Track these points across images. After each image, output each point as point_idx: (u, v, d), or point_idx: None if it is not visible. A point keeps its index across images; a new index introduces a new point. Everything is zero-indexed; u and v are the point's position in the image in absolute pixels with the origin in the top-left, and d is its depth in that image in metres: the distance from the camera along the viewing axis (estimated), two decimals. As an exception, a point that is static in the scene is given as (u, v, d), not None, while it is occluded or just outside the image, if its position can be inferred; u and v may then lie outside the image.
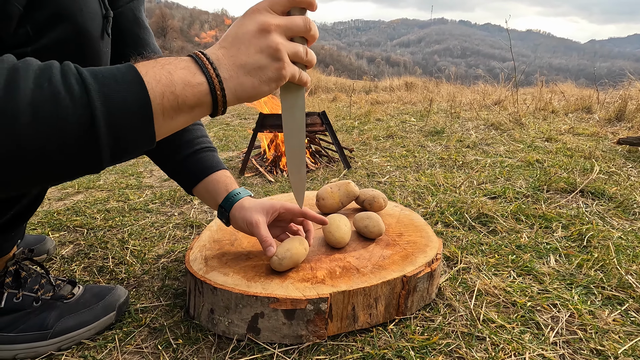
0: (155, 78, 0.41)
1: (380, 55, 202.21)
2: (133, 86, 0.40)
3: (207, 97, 0.44)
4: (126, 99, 0.39)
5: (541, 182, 1.42)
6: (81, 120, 0.37)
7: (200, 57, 0.44)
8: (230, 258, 0.74)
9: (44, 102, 0.35)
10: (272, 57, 0.45)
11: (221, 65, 0.44)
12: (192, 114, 0.45)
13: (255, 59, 0.45)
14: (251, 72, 0.45)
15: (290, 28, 0.47)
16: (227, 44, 0.45)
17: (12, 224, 0.64)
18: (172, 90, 0.41)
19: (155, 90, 0.41)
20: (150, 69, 0.41)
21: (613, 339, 0.64)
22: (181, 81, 0.42)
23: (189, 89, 0.43)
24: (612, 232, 1.02)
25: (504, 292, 0.77)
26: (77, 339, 0.66)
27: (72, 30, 0.50)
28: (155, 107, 0.41)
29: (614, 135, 2.29)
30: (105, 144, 0.39)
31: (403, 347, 0.62)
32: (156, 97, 0.41)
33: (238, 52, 0.45)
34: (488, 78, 5.20)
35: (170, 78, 0.42)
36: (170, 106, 0.42)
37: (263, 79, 0.46)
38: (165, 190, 1.54)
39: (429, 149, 2.13)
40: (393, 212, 0.96)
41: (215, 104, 0.45)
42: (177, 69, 0.42)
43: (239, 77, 0.45)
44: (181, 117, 0.44)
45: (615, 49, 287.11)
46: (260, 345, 0.63)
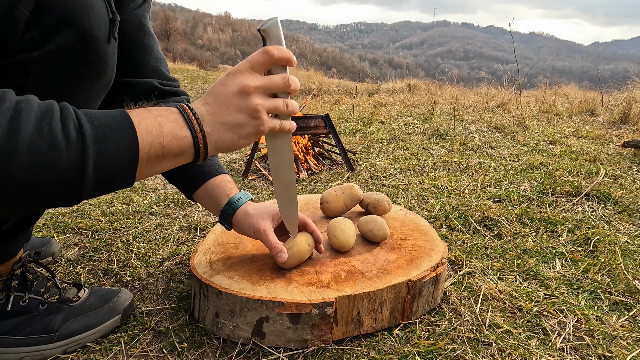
0: (147, 129, 0.45)
1: (383, 58, 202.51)
2: (126, 136, 0.43)
3: (191, 148, 0.48)
4: (118, 147, 0.42)
5: (546, 185, 1.41)
6: (72, 164, 0.40)
7: (187, 113, 0.48)
8: (235, 261, 0.74)
9: (42, 145, 0.38)
10: (250, 116, 0.50)
11: (205, 120, 0.49)
12: (174, 161, 0.49)
13: (235, 117, 0.50)
14: (231, 129, 0.50)
15: (269, 88, 0.51)
16: (211, 101, 0.50)
17: (18, 227, 0.65)
18: (160, 141, 0.45)
19: (145, 140, 0.44)
20: (144, 119, 0.45)
21: (621, 345, 0.63)
22: (170, 133, 0.46)
23: (176, 141, 0.47)
24: (619, 237, 1.02)
25: (510, 296, 0.77)
26: (82, 342, 0.66)
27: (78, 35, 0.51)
28: (142, 156, 0.44)
29: (619, 138, 2.28)
30: (88, 185, 0.42)
31: (408, 352, 0.62)
32: (144, 147, 0.44)
33: (220, 110, 0.49)
34: (491, 80, 5.19)
35: (160, 130, 0.46)
36: (156, 155, 0.46)
37: (242, 135, 0.51)
38: (169, 192, 1.54)
39: (432, 152, 2.13)
40: (397, 215, 0.95)
41: (197, 154, 0.49)
42: (167, 122, 0.47)
43: (220, 132, 0.49)
44: (163, 164, 0.48)
45: (619, 51, 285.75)
46: (265, 350, 0.63)
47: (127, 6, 0.72)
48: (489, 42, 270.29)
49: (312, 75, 8.48)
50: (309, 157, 1.92)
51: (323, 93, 6.84)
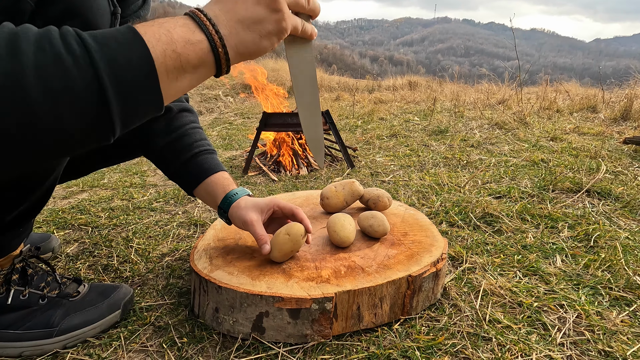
0: (155, 37, 0.40)
1: (384, 55, 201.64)
2: (134, 45, 0.38)
3: (209, 55, 0.43)
4: (129, 58, 0.38)
5: (546, 181, 1.41)
6: (88, 81, 0.36)
7: (197, 15, 0.43)
8: (234, 257, 0.74)
9: (48, 64, 0.34)
10: (270, 8, 0.44)
11: (219, 21, 0.43)
12: (197, 74, 0.44)
13: (253, 11, 0.44)
14: (250, 27, 0.44)
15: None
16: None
17: (21, 220, 0.65)
18: (173, 48, 0.40)
19: (156, 48, 0.39)
20: (149, 28, 0.40)
21: (621, 340, 0.63)
22: (181, 39, 0.41)
23: (190, 47, 0.41)
24: (619, 233, 1.02)
25: (510, 292, 0.77)
26: (82, 337, 0.66)
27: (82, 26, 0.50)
28: (159, 66, 0.40)
29: (620, 135, 2.27)
30: (115, 105, 0.38)
31: (408, 347, 0.62)
32: (158, 56, 0.39)
33: (235, 7, 0.43)
34: (492, 77, 5.17)
35: (169, 36, 0.40)
36: (174, 65, 0.41)
37: (263, 33, 0.45)
38: (169, 188, 1.54)
39: (432, 148, 2.12)
40: (397, 211, 0.95)
41: (218, 62, 0.44)
42: (176, 27, 0.41)
43: (238, 33, 0.44)
44: (186, 77, 0.43)
45: (621, 47, 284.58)
46: (265, 345, 0.63)
47: (128, 7, 0.72)
48: (490, 39, 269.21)
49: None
50: (308, 153, 1.91)
51: (323, 90, 6.83)
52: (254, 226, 0.69)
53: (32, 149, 0.36)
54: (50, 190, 0.67)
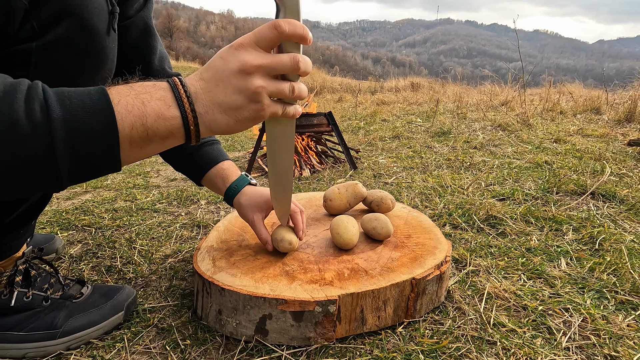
0: (127, 108, 0.40)
1: (386, 56, 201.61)
2: (101, 116, 0.39)
3: (180, 130, 0.43)
4: (93, 127, 0.39)
5: (550, 183, 1.40)
6: (39, 147, 0.37)
7: (178, 89, 0.43)
8: (238, 259, 0.74)
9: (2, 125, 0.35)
10: (249, 99, 0.44)
11: (198, 99, 0.43)
12: (164, 143, 0.44)
13: (233, 99, 0.44)
14: (227, 111, 0.44)
15: (274, 68, 0.45)
16: (208, 77, 0.44)
17: (20, 221, 0.65)
18: (143, 122, 0.41)
19: (125, 120, 0.40)
20: (124, 97, 0.41)
21: (628, 344, 0.63)
22: (154, 113, 0.41)
23: (162, 121, 0.42)
24: (625, 236, 1.01)
25: (515, 295, 0.76)
26: (85, 339, 0.66)
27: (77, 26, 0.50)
28: (123, 138, 0.40)
29: (624, 137, 2.26)
30: (65, 169, 0.39)
31: (412, 351, 0.61)
32: (125, 128, 0.40)
33: (216, 89, 0.44)
34: (495, 78, 5.16)
35: (142, 110, 0.41)
36: (139, 137, 0.41)
37: (239, 118, 0.45)
38: (172, 190, 1.54)
39: (435, 150, 2.12)
40: (401, 213, 0.95)
41: (188, 136, 0.44)
42: (152, 100, 0.42)
43: (214, 114, 0.44)
44: (151, 146, 0.43)
45: (624, 49, 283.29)
46: (268, 347, 0.63)
47: (132, 7, 0.72)
48: (492, 40, 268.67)
49: (315, 73, 8.47)
50: (311, 154, 1.91)
51: (326, 91, 6.83)
52: (256, 226, 0.74)
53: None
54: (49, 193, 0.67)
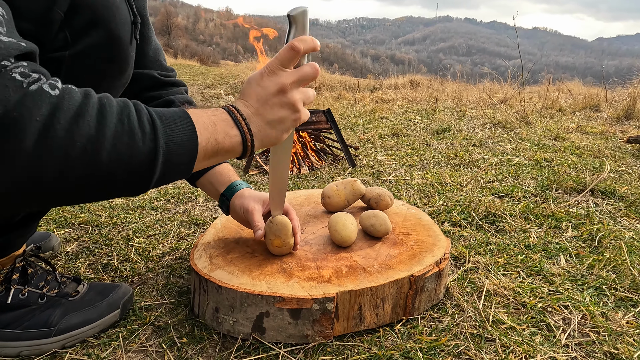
0: (204, 125, 0.48)
1: (385, 54, 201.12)
2: (187, 131, 0.46)
3: (240, 146, 0.51)
4: (182, 140, 0.45)
5: (550, 181, 1.40)
6: (148, 154, 0.43)
7: (234, 114, 0.51)
8: (235, 256, 0.73)
9: (123, 135, 0.41)
10: (291, 110, 0.53)
11: (251, 122, 0.52)
12: (225, 156, 0.52)
13: (278, 115, 0.53)
14: (274, 126, 0.53)
15: (302, 80, 0.53)
16: (253, 102, 0.52)
17: (29, 219, 0.66)
18: (215, 137, 0.49)
19: (202, 135, 0.47)
20: (200, 117, 0.48)
21: (627, 341, 0.62)
22: (222, 131, 0.49)
23: (228, 138, 0.50)
24: (624, 232, 1.00)
25: (514, 292, 0.76)
26: (81, 337, 0.65)
27: (105, 36, 0.55)
28: (201, 150, 0.47)
29: (623, 134, 2.25)
30: (157, 175, 0.45)
31: (411, 348, 0.61)
32: (202, 141, 0.47)
33: (263, 110, 0.52)
34: (494, 76, 5.15)
35: (214, 128, 0.49)
36: (212, 150, 0.49)
37: (284, 129, 0.54)
38: (169, 187, 1.54)
39: (434, 147, 2.11)
40: (399, 210, 0.94)
41: (245, 151, 0.52)
42: (219, 121, 0.50)
43: (265, 131, 0.53)
44: (216, 158, 0.51)
45: (624, 46, 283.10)
46: (265, 345, 0.62)
47: None
48: (492, 38, 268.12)
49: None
50: (310, 152, 1.90)
51: (325, 89, 6.81)
52: (254, 214, 0.73)
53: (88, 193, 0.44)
54: None
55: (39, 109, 0.36)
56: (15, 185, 0.37)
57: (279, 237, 0.70)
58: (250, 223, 0.73)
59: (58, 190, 0.40)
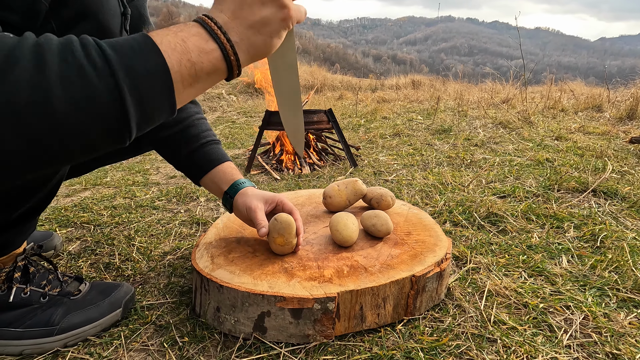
0: (171, 46, 0.40)
1: (387, 54, 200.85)
2: (151, 54, 0.39)
3: (222, 62, 0.43)
4: (146, 67, 0.39)
5: (552, 181, 1.40)
6: (108, 90, 0.37)
7: (208, 23, 0.42)
8: (236, 256, 0.73)
9: (72, 75, 0.35)
10: (276, 6, 0.44)
11: (229, 29, 0.43)
12: (209, 80, 0.44)
13: (261, 14, 0.43)
14: (260, 30, 0.44)
15: None
16: (229, 4, 0.43)
17: (26, 217, 0.65)
18: (188, 57, 0.41)
19: (172, 57, 0.40)
20: (164, 37, 0.41)
21: (630, 342, 0.62)
22: (196, 48, 0.41)
23: (204, 55, 0.42)
24: (626, 233, 1.00)
25: (515, 293, 0.76)
26: (83, 336, 0.66)
27: (94, 27, 0.52)
28: (175, 75, 0.40)
29: (626, 134, 2.25)
30: (133, 112, 0.39)
31: (412, 348, 0.61)
32: (174, 65, 0.40)
33: (243, 13, 0.43)
34: (496, 76, 5.14)
35: (184, 45, 0.41)
36: (189, 74, 0.41)
37: (272, 32, 0.45)
38: (171, 187, 1.54)
39: (436, 148, 2.11)
40: (401, 210, 0.94)
41: (230, 68, 0.44)
42: (190, 36, 0.42)
43: (249, 38, 0.44)
44: (199, 84, 0.43)
45: (626, 46, 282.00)
46: (266, 345, 0.62)
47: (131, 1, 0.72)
48: (493, 38, 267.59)
49: (315, 70, 8.44)
50: (311, 152, 1.90)
51: (326, 89, 6.81)
52: (257, 212, 0.72)
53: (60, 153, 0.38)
54: (56, 188, 0.67)
55: None
56: None
57: (282, 235, 0.69)
58: (253, 221, 0.72)
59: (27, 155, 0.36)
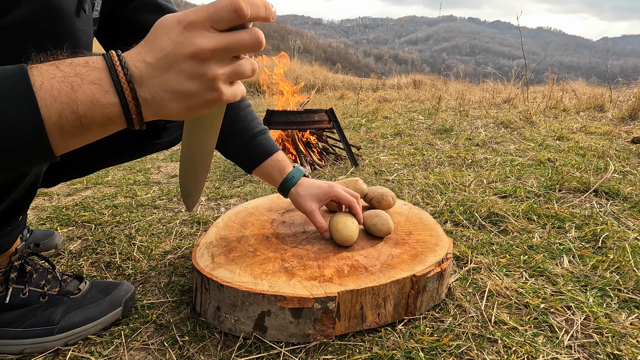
0: (52, 94, 0.35)
1: (388, 53, 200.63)
2: (20, 103, 0.34)
3: (120, 117, 0.38)
4: (10, 115, 0.34)
5: (553, 181, 1.39)
6: None
7: (116, 70, 0.36)
8: (237, 255, 0.73)
9: None
10: (205, 86, 0.38)
11: (143, 84, 0.37)
12: (104, 130, 0.39)
13: (186, 87, 0.38)
14: (178, 99, 0.38)
15: (233, 49, 0.38)
16: (154, 60, 0.37)
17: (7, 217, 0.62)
18: (73, 109, 0.35)
19: (50, 108, 0.35)
20: (47, 79, 0.35)
21: (631, 343, 0.62)
22: (87, 100, 0.36)
23: (98, 108, 0.36)
24: (628, 233, 1.00)
25: (516, 293, 0.75)
26: (83, 335, 0.66)
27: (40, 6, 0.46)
28: (50, 127, 0.35)
29: (628, 134, 2.24)
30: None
31: (412, 348, 0.61)
32: (51, 117, 0.35)
33: (166, 75, 0.37)
34: (498, 76, 5.13)
35: (72, 96, 0.35)
36: (71, 126, 0.36)
37: (191, 106, 0.39)
38: (172, 186, 1.54)
39: (437, 147, 2.10)
40: (402, 210, 0.94)
41: (130, 123, 0.39)
42: (84, 84, 0.36)
43: (163, 101, 0.38)
44: (89, 134, 0.38)
45: (629, 46, 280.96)
46: (266, 344, 0.62)
47: None
48: (495, 37, 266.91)
49: (317, 70, 8.43)
50: (312, 151, 1.90)
51: (327, 88, 6.81)
52: (314, 216, 0.77)
53: None
54: (33, 187, 0.64)
55: None
56: None
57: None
58: (313, 223, 0.78)
59: None
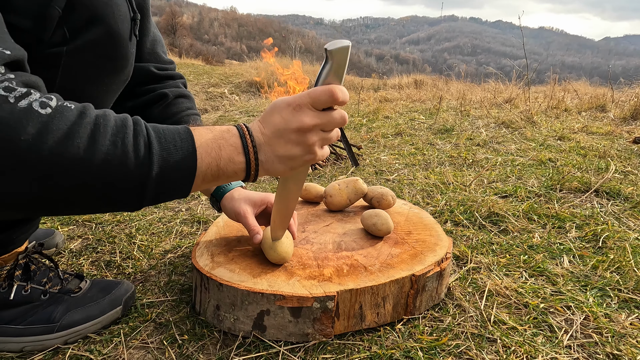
0: (207, 150, 0.47)
1: (389, 53, 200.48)
2: (188, 156, 0.45)
3: (243, 173, 0.50)
4: (179, 164, 0.45)
5: (554, 181, 1.39)
6: (138, 178, 0.42)
7: (246, 139, 0.49)
8: (236, 254, 0.73)
9: (115, 158, 0.41)
10: (305, 151, 0.51)
11: (261, 149, 0.50)
12: (225, 180, 0.50)
13: (291, 152, 0.50)
14: (283, 161, 0.51)
15: (327, 125, 0.51)
16: (269, 132, 0.50)
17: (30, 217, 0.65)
18: (217, 163, 0.47)
19: (203, 161, 0.46)
20: (204, 140, 0.47)
21: (630, 343, 0.62)
22: (227, 157, 0.48)
23: (231, 165, 0.48)
24: (629, 234, 0.99)
25: (516, 293, 0.75)
26: (83, 333, 0.66)
27: (105, 32, 0.55)
28: (199, 175, 0.46)
29: (630, 135, 2.23)
30: (149, 197, 0.44)
31: (411, 348, 0.61)
32: (202, 167, 0.46)
33: (277, 143, 0.50)
34: (499, 76, 5.11)
35: (218, 153, 0.47)
36: (212, 175, 0.48)
37: (293, 166, 0.52)
38: (173, 186, 1.54)
39: (438, 147, 2.10)
40: (402, 210, 0.94)
41: (247, 178, 0.51)
42: (227, 145, 0.48)
43: (273, 162, 0.51)
44: (216, 182, 0.49)
45: (631, 46, 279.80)
46: (265, 343, 0.62)
47: None
48: (497, 37, 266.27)
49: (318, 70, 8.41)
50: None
51: (328, 88, 6.80)
52: (246, 217, 0.72)
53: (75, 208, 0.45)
54: None
55: (24, 128, 0.36)
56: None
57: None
58: (244, 227, 0.73)
59: (39, 204, 0.41)
